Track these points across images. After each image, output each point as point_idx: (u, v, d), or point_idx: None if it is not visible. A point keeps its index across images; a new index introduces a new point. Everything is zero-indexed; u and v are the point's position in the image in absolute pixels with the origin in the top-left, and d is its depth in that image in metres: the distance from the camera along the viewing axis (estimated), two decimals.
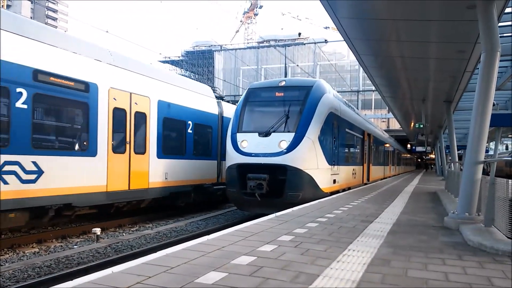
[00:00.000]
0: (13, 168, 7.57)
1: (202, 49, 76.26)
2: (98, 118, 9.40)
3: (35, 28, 8.46)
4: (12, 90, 7.52)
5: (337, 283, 3.35)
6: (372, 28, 8.65)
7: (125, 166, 10.19)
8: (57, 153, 8.55)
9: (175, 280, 3.32)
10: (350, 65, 59.03)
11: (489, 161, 7.70)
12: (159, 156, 11.42)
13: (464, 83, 12.26)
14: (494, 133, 22.88)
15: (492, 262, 4.21)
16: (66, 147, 8.93)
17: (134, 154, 10.51)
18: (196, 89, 13.90)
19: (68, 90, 8.74)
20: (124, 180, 10.17)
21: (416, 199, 11.28)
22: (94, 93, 9.32)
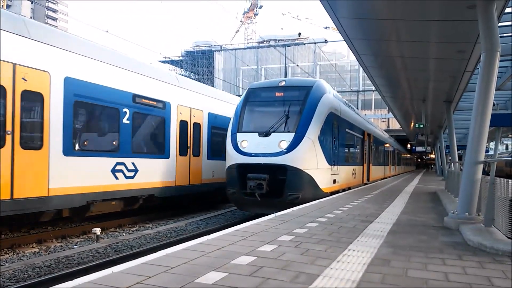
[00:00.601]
0: (121, 167, 10.13)
1: (202, 49, 76.30)
2: (170, 129, 11.93)
3: (134, 63, 11.10)
4: (120, 110, 10.09)
5: (337, 283, 3.35)
6: (372, 28, 8.65)
7: (186, 165, 12.72)
8: (146, 156, 11.11)
9: (175, 280, 3.32)
10: (350, 65, 59.11)
11: (489, 161, 7.70)
12: (208, 158, 13.88)
13: (464, 83, 12.26)
14: (494, 133, 22.89)
15: (492, 262, 4.21)
16: (152, 151, 11.48)
17: (193, 156, 13.01)
18: (232, 100, 16.20)
19: (152, 108, 11.28)
20: (186, 176, 12.69)
21: (416, 199, 11.28)
22: (168, 109, 11.86)
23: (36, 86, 8.12)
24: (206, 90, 14.46)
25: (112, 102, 9.91)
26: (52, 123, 8.37)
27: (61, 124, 8.56)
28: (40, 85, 8.18)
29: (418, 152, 45.69)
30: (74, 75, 8.90)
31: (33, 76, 8.04)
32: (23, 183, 7.77)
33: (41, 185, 8.19)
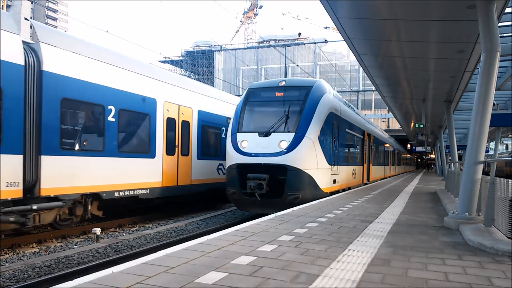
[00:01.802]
0: None
1: (202, 49, 76.35)
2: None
3: None
4: None
5: (337, 283, 3.35)
6: (372, 28, 8.66)
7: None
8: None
9: (175, 280, 3.32)
10: (350, 65, 59.10)
11: (489, 161, 7.70)
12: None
13: (464, 83, 12.26)
14: (494, 133, 22.88)
15: (492, 262, 4.21)
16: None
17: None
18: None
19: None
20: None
21: (416, 199, 11.28)
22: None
23: (186, 117, 12.88)
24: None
25: None
26: (193, 140, 13.16)
27: (195, 140, 13.33)
28: (188, 117, 12.96)
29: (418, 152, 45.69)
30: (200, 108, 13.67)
31: (186, 111, 12.88)
32: (181, 176, 12.57)
33: (188, 178, 12.93)
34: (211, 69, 72.16)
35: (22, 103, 7.85)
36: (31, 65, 8.06)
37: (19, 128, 7.79)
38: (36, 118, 8.13)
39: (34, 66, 8.12)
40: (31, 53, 8.15)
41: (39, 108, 8.16)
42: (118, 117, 10.04)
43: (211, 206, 15.02)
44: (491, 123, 6.39)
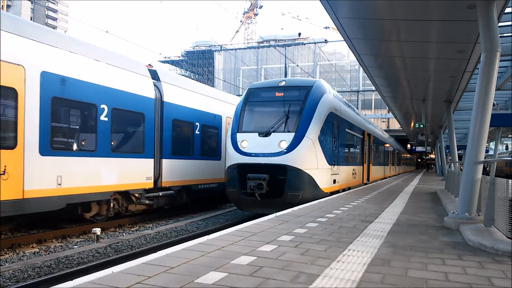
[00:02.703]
0: None
1: (202, 49, 76.34)
2: None
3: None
4: None
5: (337, 283, 3.35)
6: (372, 28, 8.66)
7: None
8: None
9: (175, 280, 3.32)
10: (350, 65, 59.11)
11: (489, 161, 7.70)
12: None
13: (464, 83, 12.26)
14: (494, 133, 22.88)
15: (492, 262, 4.21)
16: None
17: None
18: None
19: None
20: None
21: (416, 199, 11.29)
22: None
23: None
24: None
25: None
26: None
27: None
28: None
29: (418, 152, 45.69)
30: None
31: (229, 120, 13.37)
32: None
33: None
34: (211, 69, 72.17)
35: (153, 123, 11.20)
36: (157, 97, 11.40)
37: (152, 140, 11.13)
38: (158, 133, 11.43)
39: (159, 98, 11.47)
40: (157, 89, 11.42)
41: (160, 126, 11.48)
42: (201, 131, 13.45)
43: (211, 206, 15.02)
44: (491, 123, 6.39)
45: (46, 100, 8.07)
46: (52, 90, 8.20)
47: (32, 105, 7.78)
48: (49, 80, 8.13)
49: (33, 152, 7.80)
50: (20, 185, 7.56)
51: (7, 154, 7.30)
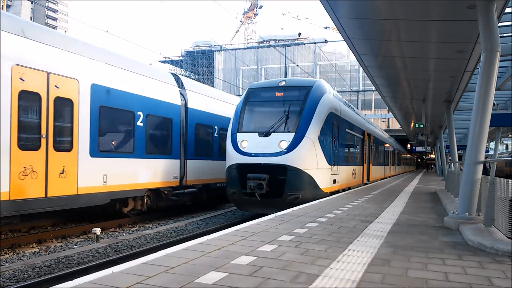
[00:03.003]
0: None
1: (202, 49, 76.33)
2: None
3: None
4: None
5: (337, 283, 3.35)
6: (372, 28, 8.66)
7: None
8: None
9: (175, 280, 3.32)
10: (350, 65, 59.12)
11: (489, 161, 7.70)
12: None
13: (464, 83, 12.26)
14: (494, 133, 22.88)
15: (492, 262, 4.21)
16: None
17: None
18: None
19: None
20: None
21: (416, 199, 11.29)
22: None
23: None
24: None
25: None
26: None
27: None
28: None
29: (418, 152, 45.71)
30: None
31: None
32: None
33: None
34: (211, 69, 72.17)
35: (179, 127, 12.38)
36: (183, 104, 12.61)
37: (178, 143, 12.32)
38: (183, 137, 12.60)
39: (184, 104, 12.68)
40: (182, 97, 12.61)
41: (185, 130, 12.66)
42: (219, 134, 14.63)
43: (211, 206, 15.03)
44: (491, 123, 6.39)
45: (95, 108, 9.27)
46: (100, 99, 9.41)
47: (84, 113, 9.01)
48: (97, 91, 9.34)
49: (85, 154, 9.00)
50: (75, 183, 8.77)
51: (65, 156, 8.55)
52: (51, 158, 8.17)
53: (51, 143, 8.21)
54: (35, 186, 7.83)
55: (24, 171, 7.64)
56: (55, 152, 8.28)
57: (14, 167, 7.44)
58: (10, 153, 7.38)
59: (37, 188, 7.87)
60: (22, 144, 7.61)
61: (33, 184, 7.79)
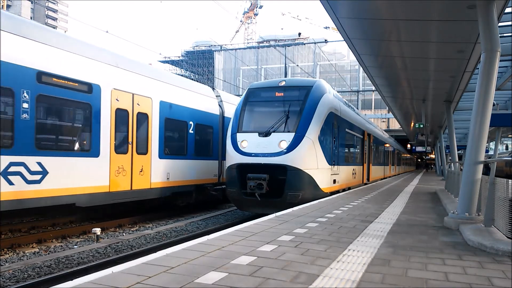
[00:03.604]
0: None
1: (202, 49, 76.32)
2: None
3: None
4: None
5: (337, 283, 3.35)
6: (372, 28, 8.66)
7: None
8: None
9: (175, 280, 3.32)
10: (350, 65, 59.09)
11: (489, 161, 7.70)
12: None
13: (464, 83, 12.26)
14: (494, 133, 22.88)
15: (492, 262, 4.21)
16: None
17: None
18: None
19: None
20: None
21: (416, 199, 11.29)
22: None
23: None
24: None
25: None
26: None
27: None
28: None
29: (418, 152, 45.70)
30: None
31: None
32: None
33: None
34: (211, 69, 72.15)
35: (218, 133, 14.56)
36: (220, 113, 14.85)
37: (217, 146, 14.53)
38: (220, 141, 14.58)
39: (221, 113, 14.90)
40: (220, 107, 14.82)
41: (222, 135, 14.53)
42: None
43: (211, 206, 15.03)
44: (491, 123, 6.39)
45: (162, 120, 11.57)
46: (165, 113, 11.69)
47: (155, 124, 11.29)
48: (163, 106, 11.64)
49: (156, 156, 11.29)
50: (149, 179, 11.06)
51: (143, 158, 10.84)
52: (134, 160, 10.52)
53: (135, 148, 10.55)
54: (124, 181, 10.19)
55: (118, 169, 9.94)
56: (137, 155, 10.62)
57: (112, 166, 9.80)
58: (110, 156, 9.75)
59: (126, 182, 10.22)
60: (117, 150, 9.98)
61: (123, 179, 10.15)
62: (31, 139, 7.84)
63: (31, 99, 7.85)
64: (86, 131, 9.21)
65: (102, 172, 9.49)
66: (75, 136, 9.16)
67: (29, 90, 7.83)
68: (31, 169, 7.85)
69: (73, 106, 9.01)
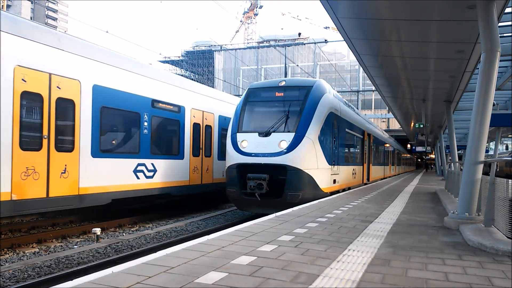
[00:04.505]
0: None
1: (202, 49, 76.30)
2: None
3: None
4: None
5: (337, 283, 3.35)
6: (372, 28, 8.65)
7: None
8: None
9: (175, 280, 3.32)
10: (350, 65, 59.08)
11: (489, 161, 7.71)
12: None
13: (464, 83, 12.26)
14: (494, 133, 22.88)
15: (492, 262, 4.21)
16: None
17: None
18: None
19: None
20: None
21: (416, 199, 11.29)
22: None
23: None
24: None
25: None
26: None
27: None
28: None
29: (418, 152, 45.70)
30: None
31: None
32: None
33: None
34: (211, 69, 72.14)
35: None
36: None
37: None
38: None
39: None
40: None
41: None
42: None
43: (211, 206, 15.02)
44: (491, 123, 6.39)
45: (219, 131, 14.54)
46: (221, 124, 14.59)
47: (216, 134, 14.40)
48: (220, 119, 14.66)
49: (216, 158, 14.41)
50: (211, 176, 14.04)
51: (197, 160, 13.21)
52: (204, 161, 13.68)
53: (191, 151, 12.86)
54: (197, 177, 13.20)
55: (194, 168, 13.01)
56: (192, 157, 12.92)
57: (191, 166, 12.92)
58: (190, 159, 12.81)
59: (197, 178, 13.17)
60: (193, 154, 12.98)
61: (197, 176, 13.20)
62: (148, 147, 10.97)
63: (148, 119, 11.03)
64: (176, 140, 12.19)
65: (186, 170, 12.61)
66: (171, 144, 12.06)
67: (147, 112, 11.00)
68: (148, 168, 10.95)
69: (169, 122, 11.91)
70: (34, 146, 7.88)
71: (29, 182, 7.74)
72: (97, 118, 9.27)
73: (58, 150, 8.31)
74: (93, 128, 9.14)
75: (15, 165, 7.52)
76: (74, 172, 8.70)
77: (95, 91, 9.20)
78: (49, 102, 8.14)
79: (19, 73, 7.60)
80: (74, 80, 8.70)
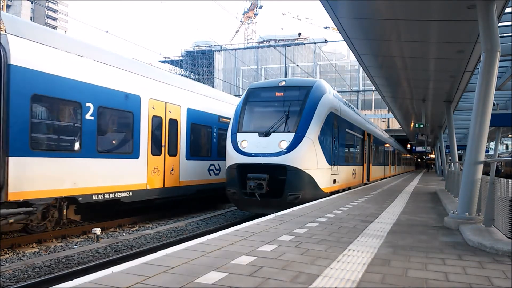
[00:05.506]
0: None
1: (202, 49, 76.32)
2: None
3: None
4: None
5: (337, 283, 3.35)
6: (372, 28, 8.66)
7: None
8: None
9: (175, 280, 3.32)
10: (350, 65, 59.08)
11: (489, 161, 7.71)
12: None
13: (464, 83, 12.26)
14: (494, 133, 22.88)
15: (492, 262, 4.21)
16: None
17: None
18: None
19: None
20: None
21: (416, 199, 11.29)
22: None
23: None
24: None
25: None
26: None
27: None
28: None
29: (418, 152, 45.69)
30: None
31: None
32: None
33: None
34: (211, 69, 72.14)
35: None
36: None
37: None
38: None
39: None
40: None
41: None
42: None
43: (211, 206, 15.02)
44: (491, 123, 6.39)
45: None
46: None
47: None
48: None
49: None
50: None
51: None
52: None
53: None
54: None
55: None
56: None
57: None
58: None
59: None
60: None
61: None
62: (216, 152, 14.27)
63: (216, 131, 14.28)
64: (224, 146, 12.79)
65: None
66: (221, 149, 13.90)
67: (215, 126, 14.27)
68: (216, 168, 14.28)
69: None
70: (157, 152, 11.39)
71: (155, 177, 11.26)
72: (189, 131, 12.82)
73: (169, 155, 11.86)
74: (187, 139, 12.69)
75: (149, 166, 11.03)
76: (177, 170, 12.27)
77: (188, 112, 12.78)
78: (165, 122, 11.67)
79: (151, 103, 11.10)
80: (177, 105, 12.25)
